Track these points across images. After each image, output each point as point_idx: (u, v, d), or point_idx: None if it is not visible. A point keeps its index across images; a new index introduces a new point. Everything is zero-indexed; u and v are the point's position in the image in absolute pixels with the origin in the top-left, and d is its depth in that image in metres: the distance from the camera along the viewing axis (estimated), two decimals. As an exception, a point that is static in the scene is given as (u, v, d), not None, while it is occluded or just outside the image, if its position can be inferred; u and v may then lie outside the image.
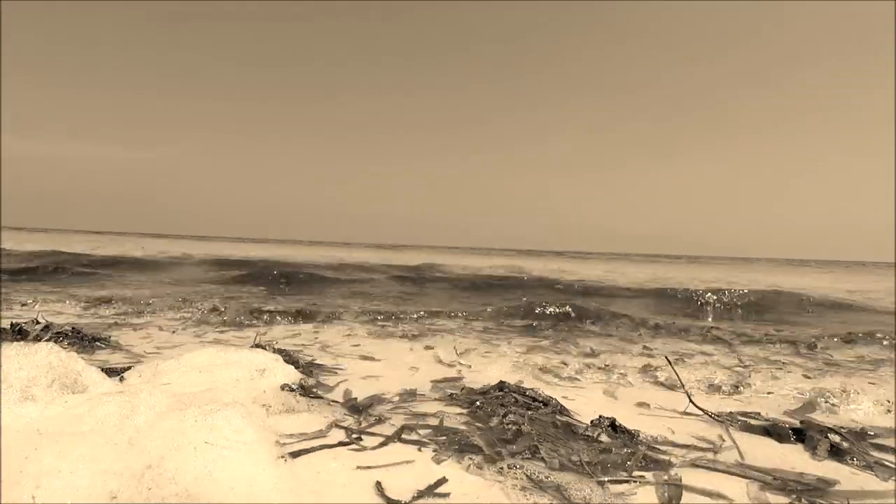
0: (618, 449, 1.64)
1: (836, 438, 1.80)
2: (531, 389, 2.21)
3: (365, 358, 3.04)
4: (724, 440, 1.81)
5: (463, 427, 1.78)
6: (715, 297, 7.02)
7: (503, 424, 1.81)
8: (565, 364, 3.04)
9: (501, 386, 2.28)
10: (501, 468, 1.45)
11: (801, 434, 1.86)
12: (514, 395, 2.17)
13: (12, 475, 0.82)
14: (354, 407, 2.00)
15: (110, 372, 2.09)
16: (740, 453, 1.70)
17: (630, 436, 1.77)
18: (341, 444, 1.58)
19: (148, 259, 11.98)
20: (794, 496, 1.39)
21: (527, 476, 1.41)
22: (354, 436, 1.65)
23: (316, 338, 3.71)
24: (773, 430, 1.91)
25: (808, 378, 2.94)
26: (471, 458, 1.51)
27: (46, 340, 2.66)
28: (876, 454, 1.72)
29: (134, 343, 3.17)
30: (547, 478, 1.41)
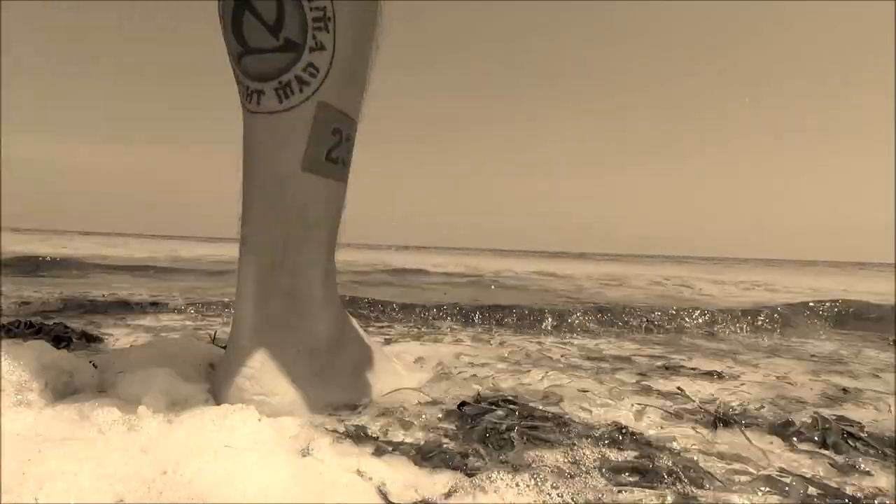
0: (620, 453, 1.64)
1: (849, 437, 1.80)
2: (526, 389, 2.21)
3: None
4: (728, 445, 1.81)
5: (456, 430, 1.77)
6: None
7: (497, 429, 1.79)
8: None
9: (494, 386, 2.27)
10: (495, 475, 1.44)
11: (813, 433, 1.84)
12: (508, 395, 2.16)
13: (14, 478, 0.80)
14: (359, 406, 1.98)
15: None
16: (751, 456, 1.70)
17: (633, 439, 1.76)
18: (344, 440, 1.56)
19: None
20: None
21: (523, 483, 1.40)
22: (357, 436, 1.64)
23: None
24: (779, 429, 1.91)
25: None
26: (468, 462, 1.50)
27: (38, 340, 2.63)
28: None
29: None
30: (544, 482, 1.40)
